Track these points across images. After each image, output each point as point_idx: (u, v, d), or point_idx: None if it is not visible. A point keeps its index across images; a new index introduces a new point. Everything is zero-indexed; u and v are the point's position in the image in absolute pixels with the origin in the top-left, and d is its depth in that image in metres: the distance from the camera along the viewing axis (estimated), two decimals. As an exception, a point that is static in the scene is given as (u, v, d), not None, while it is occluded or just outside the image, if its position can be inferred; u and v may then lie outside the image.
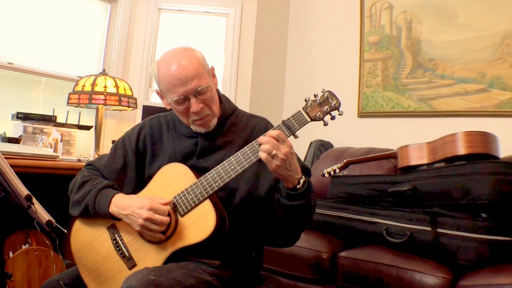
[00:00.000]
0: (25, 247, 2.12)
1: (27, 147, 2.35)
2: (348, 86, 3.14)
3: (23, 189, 1.26)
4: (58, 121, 2.71)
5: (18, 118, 2.53)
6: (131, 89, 2.96)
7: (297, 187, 1.21)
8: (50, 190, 2.06)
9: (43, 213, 1.26)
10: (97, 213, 1.32)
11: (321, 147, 3.02)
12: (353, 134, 3.07)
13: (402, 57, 2.93)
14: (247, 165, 1.22)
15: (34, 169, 2.13)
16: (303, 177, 1.22)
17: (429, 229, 1.82)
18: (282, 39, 3.63)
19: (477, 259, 1.68)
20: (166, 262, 1.25)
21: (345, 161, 2.35)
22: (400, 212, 1.96)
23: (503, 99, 2.48)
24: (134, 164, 1.43)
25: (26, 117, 2.54)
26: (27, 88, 2.87)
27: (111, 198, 1.30)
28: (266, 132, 1.20)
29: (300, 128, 1.22)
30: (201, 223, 1.23)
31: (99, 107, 2.85)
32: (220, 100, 1.42)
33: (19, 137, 2.45)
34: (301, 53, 3.55)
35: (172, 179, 1.31)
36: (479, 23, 2.59)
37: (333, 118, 1.24)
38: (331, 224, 2.24)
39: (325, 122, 1.24)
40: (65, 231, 1.33)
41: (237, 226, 1.31)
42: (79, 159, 2.53)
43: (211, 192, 1.24)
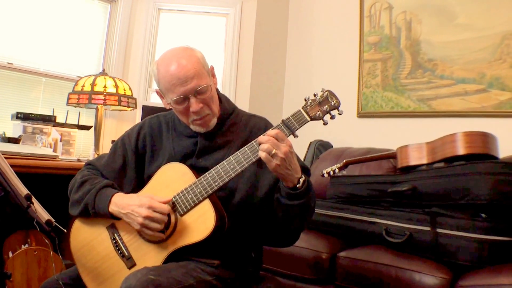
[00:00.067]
0: (25, 247, 2.12)
1: (27, 147, 2.35)
2: (348, 86, 3.14)
3: (22, 189, 1.26)
4: (58, 121, 2.71)
5: (17, 118, 2.53)
6: (130, 89, 2.96)
7: (297, 186, 1.21)
8: (50, 190, 2.06)
9: (42, 213, 1.26)
10: (96, 212, 1.32)
11: (320, 147, 3.02)
12: (352, 134, 3.07)
13: (401, 57, 2.93)
14: (246, 165, 1.22)
15: (33, 169, 2.13)
16: (303, 176, 1.22)
17: (428, 229, 1.82)
18: (281, 39, 3.63)
19: (477, 259, 1.68)
20: (166, 262, 1.25)
21: (344, 161, 2.35)
22: (399, 212, 1.96)
23: (502, 99, 2.49)
24: (133, 163, 1.43)
25: (26, 117, 2.54)
26: (26, 88, 2.87)
27: (111, 198, 1.30)
28: (266, 131, 1.20)
29: (300, 127, 1.21)
30: (200, 222, 1.23)
31: (99, 107, 2.85)
32: (219, 99, 1.42)
33: (18, 137, 2.45)
34: (300, 53, 3.55)
35: (172, 179, 1.31)
36: (478, 23, 2.59)
37: (332, 117, 1.24)
38: (330, 224, 2.24)
39: (325, 121, 1.23)
40: (65, 230, 1.33)
41: (236, 225, 1.31)
42: (78, 159, 2.53)
43: (210, 192, 1.24)
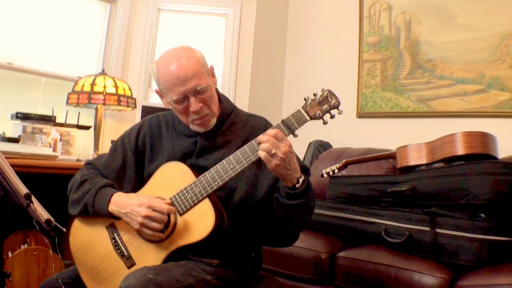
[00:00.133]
0: (24, 247, 2.12)
1: (26, 146, 2.35)
2: (347, 87, 3.14)
3: (22, 188, 1.26)
4: (58, 121, 2.71)
5: (17, 118, 2.53)
6: (130, 89, 2.96)
7: (296, 186, 1.20)
8: (49, 190, 2.06)
9: (42, 212, 1.26)
10: (96, 212, 1.32)
11: (320, 148, 3.02)
12: (352, 135, 3.07)
13: (401, 57, 2.93)
14: (246, 164, 1.22)
15: (33, 168, 2.13)
16: (302, 176, 1.22)
17: (428, 229, 1.82)
18: (281, 39, 3.63)
19: (476, 259, 1.68)
20: (165, 261, 1.25)
21: (344, 161, 2.35)
22: (399, 212, 1.96)
23: (502, 99, 2.49)
24: (133, 163, 1.43)
25: (26, 117, 2.54)
26: (26, 88, 2.87)
27: (110, 197, 1.30)
28: (266, 131, 1.20)
29: (299, 127, 1.21)
30: (200, 222, 1.23)
31: (98, 107, 2.85)
32: (219, 99, 1.42)
33: (18, 137, 2.45)
34: (300, 53, 3.55)
35: (171, 178, 1.31)
36: (478, 24, 2.59)
37: (332, 117, 1.24)
38: (330, 224, 2.24)
39: (325, 121, 1.23)
40: (64, 230, 1.33)
41: (236, 225, 1.31)
42: (78, 159, 2.53)
43: (210, 191, 1.24)
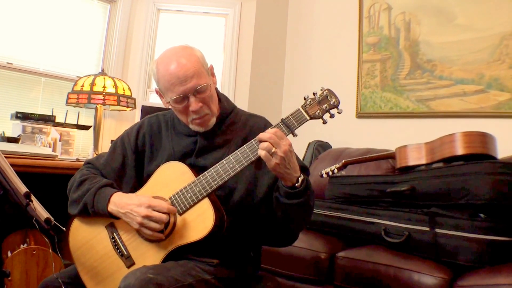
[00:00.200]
0: (24, 246, 2.12)
1: (26, 146, 2.35)
2: (347, 87, 3.15)
3: (21, 187, 1.25)
4: (57, 121, 2.71)
5: (17, 117, 2.53)
6: (130, 89, 2.96)
7: (296, 185, 1.20)
8: (49, 190, 2.06)
9: (41, 211, 1.26)
10: (95, 211, 1.32)
11: (319, 148, 3.02)
12: (351, 135, 3.07)
13: (400, 58, 2.93)
14: (246, 164, 1.22)
15: (32, 168, 2.13)
16: (302, 175, 1.22)
17: (427, 229, 1.82)
18: (281, 39, 3.63)
19: (476, 259, 1.68)
20: (165, 261, 1.25)
21: (343, 161, 2.35)
22: (398, 212, 1.96)
23: (501, 100, 2.49)
24: (133, 162, 1.43)
25: (25, 116, 2.54)
26: (26, 88, 2.87)
27: (110, 197, 1.30)
28: (265, 131, 1.20)
29: (299, 126, 1.21)
30: (199, 221, 1.23)
31: (98, 107, 2.85)
32: (219, 99, 1.42)
33: (18, 136, 2.45)
34: (299, 53, 3.55)
35: (171, 178, 1.31)
36: (477, 24, 2.59)
37: (332, 116, 1.24)
38: (329, 225, 2.24)
39: (324, 120, 1.23)
40: (64, 229, 1.33)
41: (235, 225, 1.31)
42: (77, 159, 2.53)
43: (209, 191, 1.24)
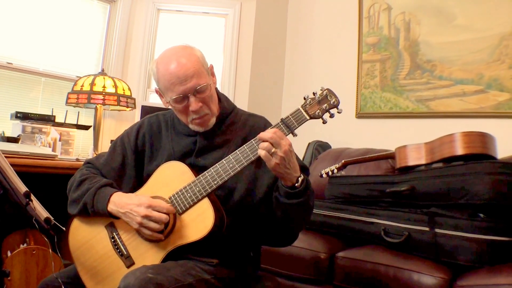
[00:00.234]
0: (23, 246, 2.12)
1: (26, 146, 2.35)
2: (346, 87, 3.15)
3: (21, 186, 1.25)
4: (57, 120, 2.71)
5: (17, 117, 2.53)
6: (129, 89, 2.96)
7: (296, 185, 1.20)
8: (49, 189, 2.06)
9: (41, 210, 1.26)
10: (95, 211, 1.32)
11: (319, 148, 3.03)
12: (351, 135, 3.07)
13: (400, 58, 2.94)
14: (245, 164, 1.22)
15: (32, 168, 2.13)
16: (301, 175, 1.22)
17: (427, 229, 1.82)
18: (280, 39, 3.63)
19: (475, 259, 1.68)
20: (164, 261, 1.25)
21: (343, 161, 2.35)
22: (398, 212, 1.96)
23: (500, 100, 2.49)
24: (133, 162, 1.43)
25: (25, 116, 2.54)
26: (26, 87, 2.87)
27: (110, 197, 1.30)
28: (265, 130, 1.20)
29: (299, 126, 1.21)
30: (199, 221, 1.23)
31: (98, 107, 2.85)
32: (219, 99, 1.42)
33: (17, 136, 2.45)
34: (299, 53, 3.55)
35: (171, 177, 1.31)
36: (477, 24, 2.60)
37: (332, 116, 1.24)
38: (329, 225, 2.24)
39: (324, 120, 1.23)
40: (63, 228, 1.33)
41: (235, 225, 1.31)
42: (77, 159, 2.53)
43: (209, 191, 1.24)
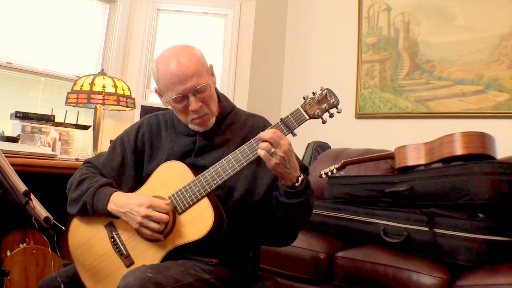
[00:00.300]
0: (23, 246, 2.12)
1: (26, 146, 2.35)
2: (346, 87, 3.15)
3: (21, 185, 1.25)
4: (57, 120, 2.71)
5: (16, 117, 2.53)
6: (129, 89, 2.96)
7: (296, 185, 1.21)
8: (48, 189, 2.05)
9: (40, 210, 1.25)
10: (95, 211, 1.32)
11: (318, 148, 3.03)
12: (350, 135, 3.07)
13: (399, 58, 2.94)
14: (245, 163, 1.22)
15: (32, 167, 2.13)
16: (301, 175, 1.22)
17: (426, 229, 1.82)
18: (280, 40, 3.64)
19: (475, 259, 1.68)
20: (164, 260, 1.25)
21: (342, 161, 2.35)
22: (397, 212, 1.96)
23: (500, 100, 2.49)
24: (132, 162, 1.43)
25: (25, 116, 2.54)
26: (25, 87, 2.87)
27: (110, 196, 1.30)
28: (265, 130, 1.20)
29: (298, 126, 1.22)
30: (199, 221, 1.23)
31: (98, 107, 2.85)
32: (218, 98, 1.42)
33: (17, 136, 2.45)
34: (299, 54, 3.55)
35: (170, 177, 1.31)
36: (476, 25, 2.60)
37: (331, 116, 1.24)
38: (328, 225, 2.24)
39: (324, 120, 1.23)
40: (63, 228, 1.33)
41: (235, 224, 1.31)
42: (77, 159, 2.53)
43: (209, 190, 1.24)
